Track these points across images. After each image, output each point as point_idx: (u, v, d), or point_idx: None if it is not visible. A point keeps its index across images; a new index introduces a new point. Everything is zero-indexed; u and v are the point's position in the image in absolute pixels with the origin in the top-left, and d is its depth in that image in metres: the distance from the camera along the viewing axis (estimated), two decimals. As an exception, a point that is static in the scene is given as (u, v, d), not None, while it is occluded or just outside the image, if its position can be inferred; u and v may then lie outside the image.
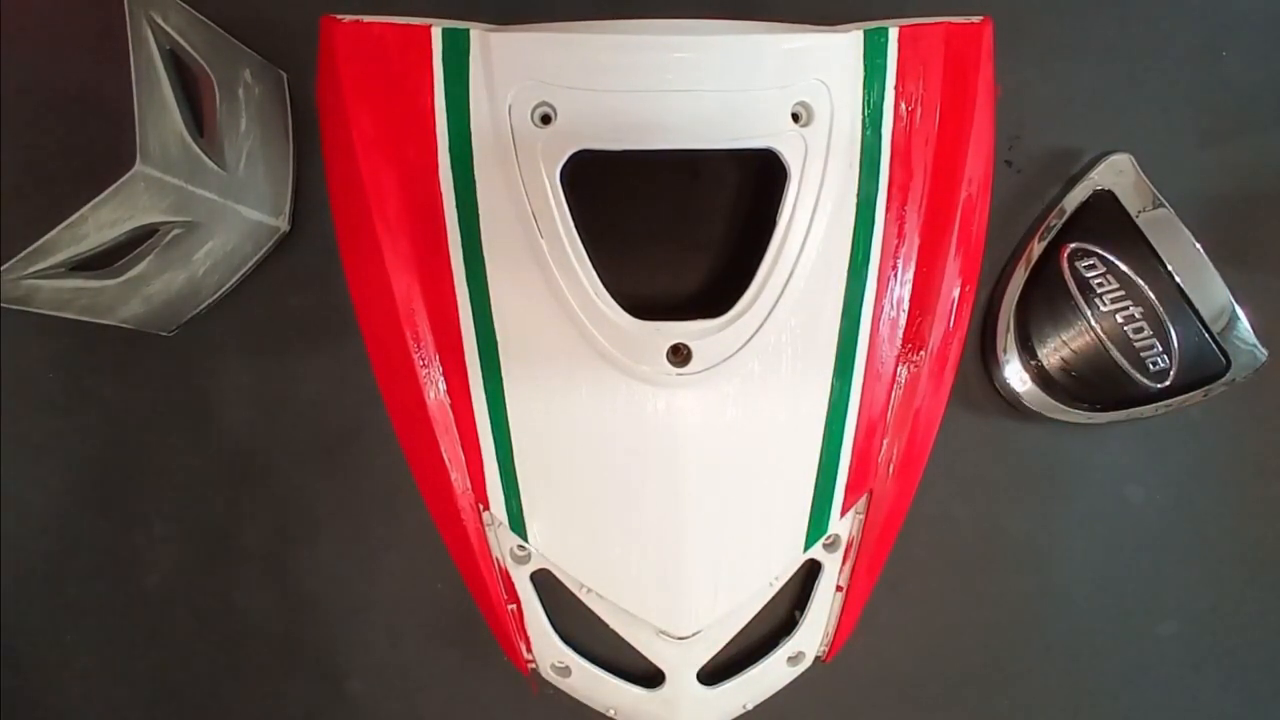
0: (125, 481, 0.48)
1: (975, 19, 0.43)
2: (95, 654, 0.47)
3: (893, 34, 0.41)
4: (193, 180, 0.42)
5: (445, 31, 0.39)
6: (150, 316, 0.46)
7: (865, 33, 0.41)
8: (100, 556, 0.47)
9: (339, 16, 0.40)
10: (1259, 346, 0.47)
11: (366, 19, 0.40)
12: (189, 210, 0.43)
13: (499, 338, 0.41)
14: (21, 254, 0.39)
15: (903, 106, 0.42)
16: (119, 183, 0.39)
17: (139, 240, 0.43)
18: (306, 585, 0.48)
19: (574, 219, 0.40)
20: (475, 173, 0.40)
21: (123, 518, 0.47)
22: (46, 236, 0.39)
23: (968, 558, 0.51)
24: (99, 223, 0.40)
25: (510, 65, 0.39)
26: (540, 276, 0.40)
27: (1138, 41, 0.52)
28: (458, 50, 0.39)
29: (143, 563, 0.47)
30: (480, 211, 0.40)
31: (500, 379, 0.41)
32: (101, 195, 0.39)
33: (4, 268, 0.39)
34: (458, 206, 0.40)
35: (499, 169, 0.40)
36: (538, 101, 0.39)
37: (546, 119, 0.39)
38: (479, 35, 0.39)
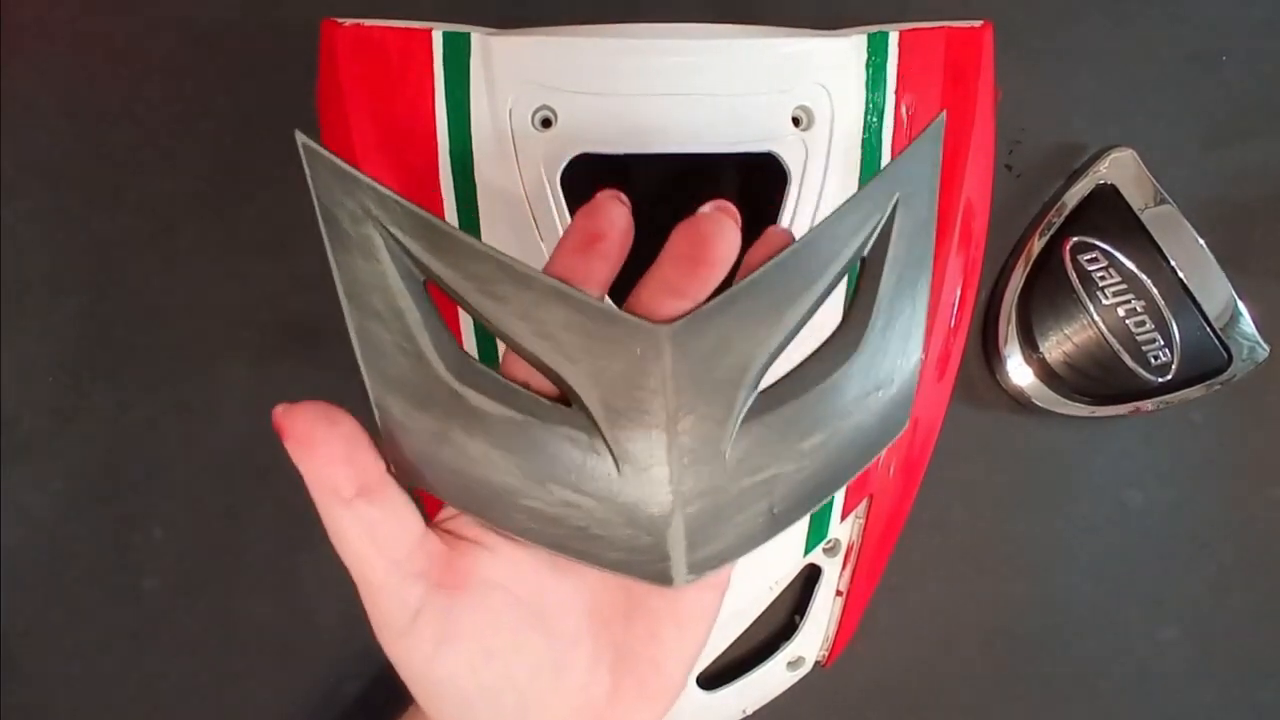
0: (124, 484, 0.48)
1: (976, 23, 0.43)
2: (93, 656, 0.47)
3: (893, 38, 0.41)
4: None
5: (446, 35, 0.39)
6: None
7: (867, 37, 0.41)
8: (99, 559, 0.47)
9: (340, 20, 0.40)
10: (1260, 342, 0.47)
11: (367, 22, 0.40)
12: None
13: (499, 341, 0.41)
14: None
15: (903, 110, 0.42)
16: None
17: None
18: (306, 588, 0.48)
19: (574, 223, 0.40)
20: (476, 176, 0.40)
21: (121, 520, 0.47)
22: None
23: (968, 562, 0.51)
24: None
25: (511, 69, 0.39)
26: (540, 280, 0.40)
27: (1138, 47, 0.52)
28: (458, 54, 0.39)
29: (141, 565, 0.47)
30: (481, 215, 0.40)
31: (500, 382, 0.41)
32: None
33: None
34: (458, 210, 0.40)
35: (499, 173, 0.40)
36: (538, 105, 0.39)
37: (547, 122, 0.40)
38: (480, 39, 0.39)
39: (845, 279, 0.26)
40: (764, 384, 0.25)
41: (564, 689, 0.24)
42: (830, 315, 0.26)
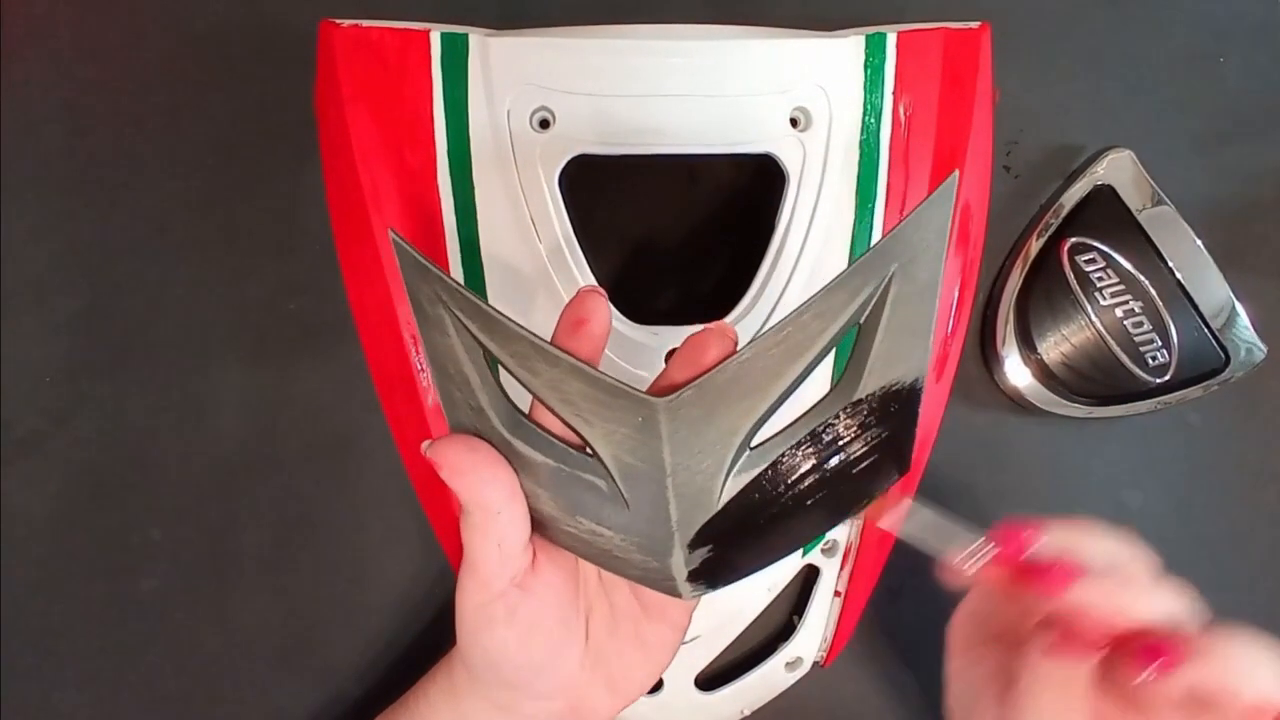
0: (122, 486, 0.48)
1: (974, 25, 0.43)
2: (92, 657, 0.47)
3: (891, 39, 0.41)
4: None
5: (444, 36, 0.39)
6: None
7: (865, 38, 0.41)
8: (97, 561, 0.47)
9: (338, 21, 0.40)
10: (1258, 343, 0.47)
11: (365, 23, 0.40)
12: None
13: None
14: None
15: (901, 111, 0.42)
16: None
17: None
18: (304, 590, 0.48)
19: (572, 223, 0.40)
20: (474, 178, 0.40)
21: (120, 522, 0.47)
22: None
23: (966, 563, 0.50)
24: None
25: (509, 70, 0.39)
26: (538, 281, 0.40)
27: (1135, 49, 0.52)
28: (456, 55, 0.39)
29: (140, 567, 0.47)
30: (479, 216, 0.40)
31: (498, 383, 0.41)
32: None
33: None
34: (456, 211, 0.40)
35: (498, 174, 0.40)
36: (536, 106, 0.39)
37: (545, 124, 0.40)
38: (478, 40, 0.39)
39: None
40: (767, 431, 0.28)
41: (561, 670, 0.32)
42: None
